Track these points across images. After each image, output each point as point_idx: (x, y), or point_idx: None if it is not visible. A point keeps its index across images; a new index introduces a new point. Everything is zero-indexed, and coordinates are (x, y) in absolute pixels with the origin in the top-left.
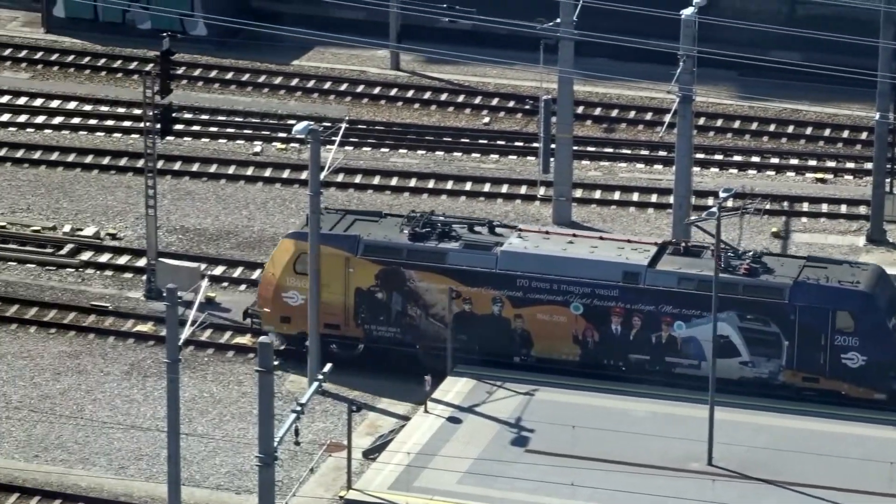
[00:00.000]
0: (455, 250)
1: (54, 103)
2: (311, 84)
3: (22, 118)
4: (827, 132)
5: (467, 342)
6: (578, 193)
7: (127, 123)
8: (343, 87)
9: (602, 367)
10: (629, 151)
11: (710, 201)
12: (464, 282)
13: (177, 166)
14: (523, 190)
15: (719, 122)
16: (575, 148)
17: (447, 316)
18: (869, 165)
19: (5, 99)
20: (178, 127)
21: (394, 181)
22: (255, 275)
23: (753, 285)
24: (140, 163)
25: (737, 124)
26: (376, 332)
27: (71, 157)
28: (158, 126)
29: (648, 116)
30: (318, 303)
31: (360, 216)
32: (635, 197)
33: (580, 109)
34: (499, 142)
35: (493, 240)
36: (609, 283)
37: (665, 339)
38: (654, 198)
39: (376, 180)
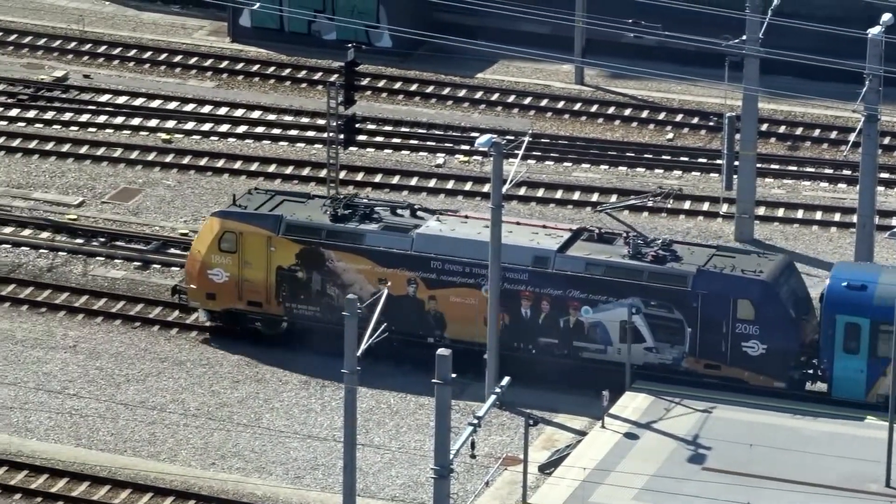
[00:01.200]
0: (372, 232)
1: (239, 112)
2: (494, 97)
3: (206, 127)
4: None
5: (384, 322)
6: (761, 211)
7: (311, 133)
8: (527, 100)
9: (513, 349)
10: (813, 170)
11: (895, 220)
12: (380, 263)
13: (359, 177)
14: (706, 207)
15: None
16: (758, 165)
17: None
18: None
19: (190, 107)
20: (362, 138)
21: (576, 195)
22: None
23: (658, 272)
24: (323, 173)
25: None
26: (297, 311)
27: (254, 167)
28: (342, 136)
29: (833, 135)
30: (496, 313)
31: (289, 197)
32: (818, 216)
33: (764, 127)
34: (682, 158)
35: (412, 223)
36: (519, 267)
37: (573, 323)
38: (837, 217)
39: (559, 194)
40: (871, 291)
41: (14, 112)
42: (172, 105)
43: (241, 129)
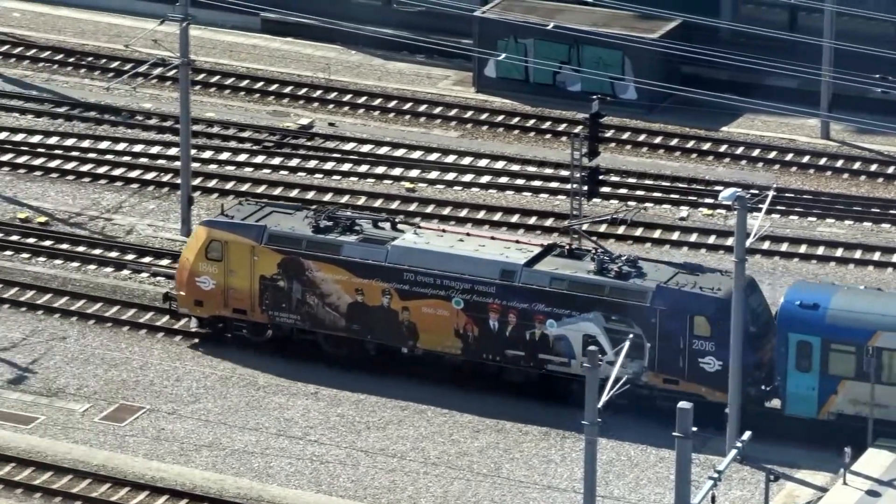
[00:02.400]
0: (350, 243)
1: (482, 162)
2: (739, 151)
3: (450, 176)
4: None
5: (359, 331)
6: None
7: (554, 184)
8: (771, 154)
9: (482, 361)
10: None
11: None
12: (357, 273)
13: (602, 228)
14: None
15: None
16: None
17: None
18: None
19: (434, 156)
20: (605, 189)
21: (820, 251)
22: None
23: (619, 288)
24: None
25: None
26: (279, 319)
27: (497, 216)
28: (585, 188)
29: None
30: (738, 367)
31: (277, 209)
32: None
33: None
34: None
35: (390, 235)
36: (487, 280)
37: (538, 336)
38: None
39: (802, 249)
40: (822, 311)
41: (260, 159)
42: (416, 154)
43: (485, 178)
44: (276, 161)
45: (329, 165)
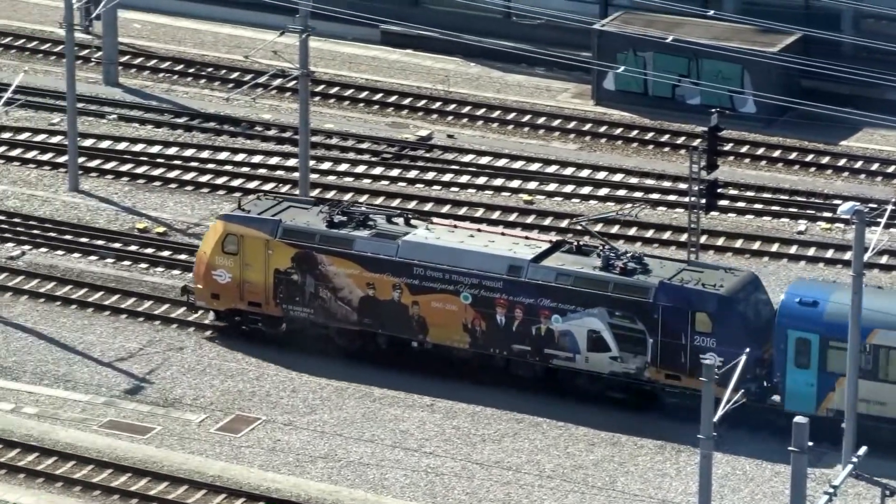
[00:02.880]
0: (362, 238)
1: (601, 175)
2: (858, 165)
3: (568, 188)
4: None
5: (371, 325)
6: None
7: (671, 198)
8: (890, 168)
9: (489, 356)
10: None
11: None
12: (368, 268)
13: (720, 242)
14: None
15: None
16: None
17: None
18: None
19: (553, 169)
20: (723, 202)
21: None
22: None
23: (623, 284)
24: (683, 237)
25: None
26: (293, 312)
27: (615, 229)
28: (703, 201)
29: None
30: (855, 382)
31: (295, 203)
32: None
33: None
34: None
35: (402, 230)
36: (494, 275)
37: (544, 331)
38: None
39: None
40: (821, 308)
41: (378, 170)
42: (534, 166)
43: (603, 191)
44: (395, 172)
45: (447, 177)
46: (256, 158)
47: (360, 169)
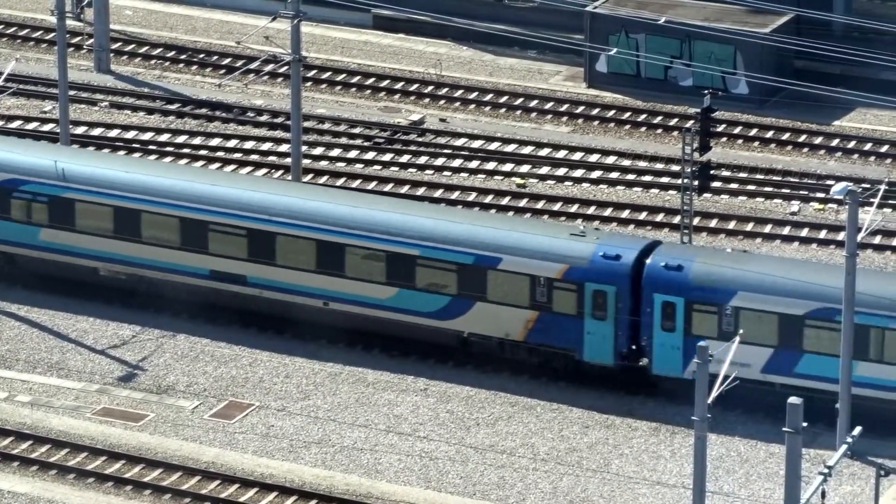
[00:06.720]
0: None
1: (593, 157)
2: (851, 145)
3: (560, 171)
4: None
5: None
6: None
7: (664, 179)
8: (884, 148)
9: None
10: None
11: None
12: None
13: (713, 223)
14: None
15: None
16: None
17: None
18: None
19: (545, 152)
20: (716, 184)
21: None
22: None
23: None
24: (676, 219)
25: None
26: None
27: (608, 212)
28: (696, 183)
29: None
30: (849, 361)
31: None
32: None
33: None
34: None
35: None
36: None
37: None
38: None
39: None
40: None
41: (370, 155)
42: (527, 149)
43: (596, 174)
44: (387, 157)
45: (440, 161)
46: (248, 144)
47: (353, 154)
